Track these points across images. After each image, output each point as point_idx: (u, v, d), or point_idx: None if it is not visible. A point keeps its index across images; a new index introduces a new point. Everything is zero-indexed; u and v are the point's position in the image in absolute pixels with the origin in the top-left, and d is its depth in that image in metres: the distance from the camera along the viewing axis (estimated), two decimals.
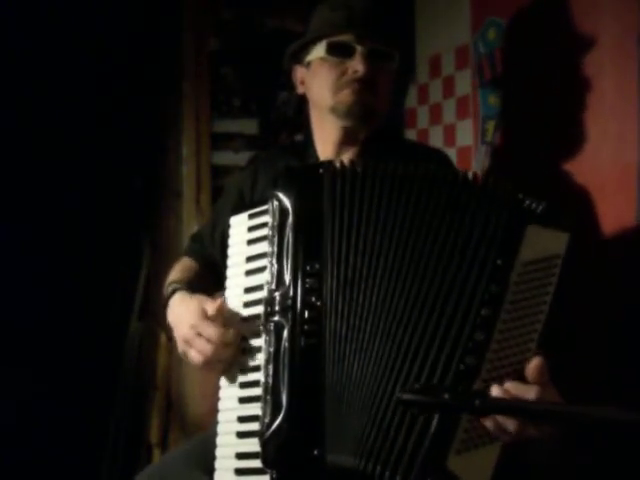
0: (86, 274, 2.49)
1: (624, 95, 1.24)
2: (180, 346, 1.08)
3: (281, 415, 0.93)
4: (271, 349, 0.96)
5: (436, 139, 1.84)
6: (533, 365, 0.85)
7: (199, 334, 1.02)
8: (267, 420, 0.94)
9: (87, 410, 2.37)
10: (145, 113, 2.43)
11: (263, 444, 0.94)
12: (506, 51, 1.55)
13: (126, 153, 2.53)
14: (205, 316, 1.03)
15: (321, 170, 1.01)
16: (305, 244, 0.97)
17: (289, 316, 0.95)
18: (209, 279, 1.29)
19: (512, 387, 0.85)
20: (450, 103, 1.78)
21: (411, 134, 1.95)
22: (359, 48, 1.17)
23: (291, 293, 0.96)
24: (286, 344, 0.94)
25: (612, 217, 1.27)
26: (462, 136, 1.74)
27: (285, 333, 0.95)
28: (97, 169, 2.51)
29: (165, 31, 2.18)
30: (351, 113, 1.19)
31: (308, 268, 0.96)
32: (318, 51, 1.21)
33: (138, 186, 2.58)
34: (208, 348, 1.01)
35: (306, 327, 0.94)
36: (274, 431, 0.93)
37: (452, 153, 1.75)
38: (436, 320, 0.90)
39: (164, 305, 1.20)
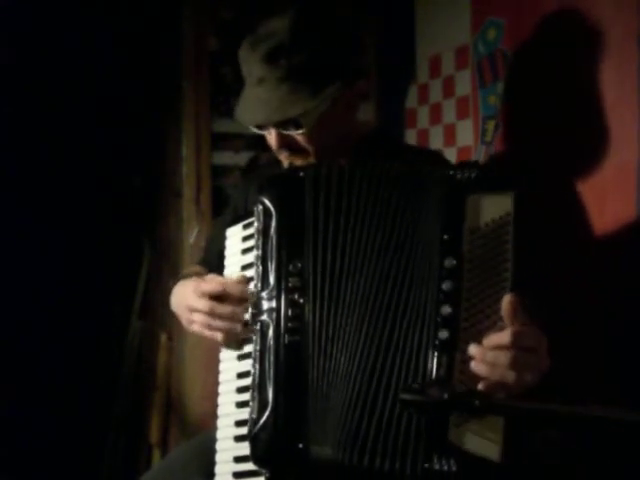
0: (86, 274, 2.49)
1: (624, 95, 1.24)
2: (184, 316, 1.12)
3: (267, 412, 0.95)
4: (258, 348, 0.99)
5: (436, 139, 1.84)
6: (505, 304, 0.86)
7: (199, 294, 1.05)
8: (254, 417, 0.97)
9: (87, 410, 2.38)
10: (145, 113, 2.43)
11: (251, 441, 0.96)
12: (506, 51, 1.55)
13: (126, 153, 2.53)
14: (206, 280, 1.08)
15: (302, 173, 1.04)
16: (288, 244, 1.00)
17: (273, 315, 0.98)
18: None
19: (486, 341, 0.86)
20: (450, 103, 1.78)
21: (411, 134, 1.95)
22: (269, 126, 1.15)
23: (275, 293, 0.98)
24: (271, 342, 0.97)
25: (612, 217, 1.27)
26: (462, 136, 1.74)
27: (270, 332, 0.98)
28: (97, 169, 2.51)
29: (165, 31, 2.18)
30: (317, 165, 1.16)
31: (291, 267, 0.99)
32: None
33: (138, 186, 2.58)
34: (207, 304, 1.04)
35: (289, 325, 0.97)
36: (260, 428, 0.96)
37: (452, 153, 1.75)
38: (407, 310, 0.93)
39: (169, 293, 1.24)
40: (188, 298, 1.08)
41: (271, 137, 1.16)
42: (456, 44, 1.74)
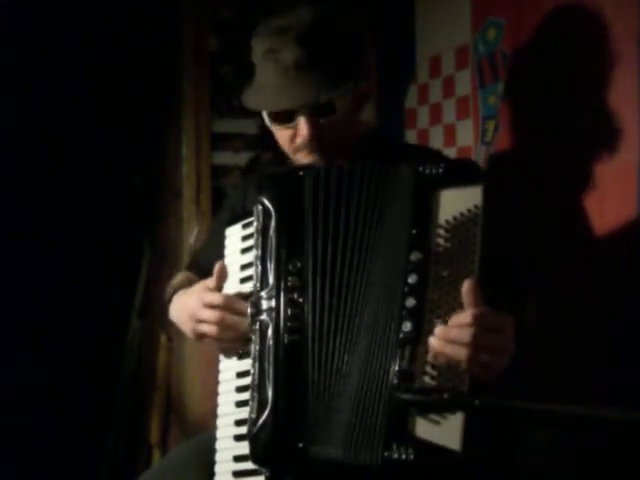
0: (86, 274, 2.49)
1: (624, 95, 1.24)
2: (189, 327, 1.09)
3: (266, 411, 0.95)
4: (257, 348, 0.98)
5: (436, 139, 1.84)
6: (465, 288, 0.87)
7: (204, 305, 1.04)
8: (254, 417, 0.96)
9: (87, 410, 2.38)
10: (145, 113, 2.43)
11: (251, 441, 0.96)
12: (506, 51, 1.55)
13: (126, 153, 2.53)
14: (208, 289, 1.06)
15: (301, 173, 1.04)
16: (288, 244, 1.00)
17: (273, 315, 0.98)
18: None
19: (451, 321, 0.88)
20: (450, 103, 1.78)
21: (411, 134, 1.95)
22: (299, 110, 1.09)
23: (274, 292, 0.98)
24: (270, 342, 0.97)
25: (612, 217, 1.27)
26: (462, 136, 1.74)
27: (269, 332, 0.97)
28: (97, 169, 2.51)
29: (165, 31, 2.18)
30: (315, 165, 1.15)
31: (290, 267, 0.99)
32: (264, 113, 1.15)
33: (138, 186, 2.58)
34: (215, 314, 1.02)
35: (289, 324, 0.97)
36: (260, 427, 0.95)
37: (452, 153, 1.75)
38: (383, 306, 0.94)
39: (165, 307, 1.22)
40: (194, 307, 1.06)
41: (301, 127, 1.10)
42: (456, 44, 1.74)
